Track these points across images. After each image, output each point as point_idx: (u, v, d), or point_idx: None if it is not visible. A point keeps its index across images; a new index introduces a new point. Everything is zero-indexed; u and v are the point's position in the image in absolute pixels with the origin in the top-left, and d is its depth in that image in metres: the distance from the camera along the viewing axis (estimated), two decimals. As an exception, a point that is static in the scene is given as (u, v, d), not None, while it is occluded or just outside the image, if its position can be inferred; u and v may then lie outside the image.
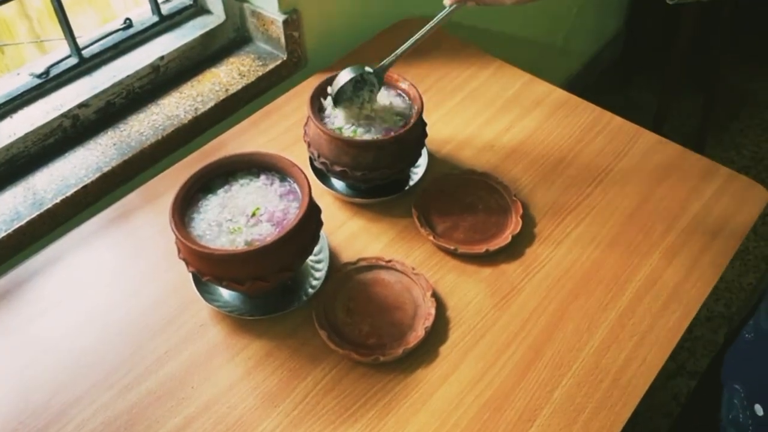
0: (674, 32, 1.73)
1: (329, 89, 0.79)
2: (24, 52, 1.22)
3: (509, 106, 0.97)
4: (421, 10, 1.15)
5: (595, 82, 2.05)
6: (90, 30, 1.00)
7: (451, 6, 0.76)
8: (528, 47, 1.64)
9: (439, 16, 0.77)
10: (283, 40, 1.00)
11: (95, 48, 0.94)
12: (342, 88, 0.78)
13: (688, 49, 1.71)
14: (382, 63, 0.80)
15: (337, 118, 0.80)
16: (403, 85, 0.82)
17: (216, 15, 1.02)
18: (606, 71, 2.09)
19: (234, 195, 0.71)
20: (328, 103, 0.80)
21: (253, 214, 0.69)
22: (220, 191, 0.71)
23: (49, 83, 0.90)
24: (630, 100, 2.00)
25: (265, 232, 0.67)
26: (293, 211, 0.69)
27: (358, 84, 0.79)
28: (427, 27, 0.77)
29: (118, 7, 1.23)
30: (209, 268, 0.66)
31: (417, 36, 0.78)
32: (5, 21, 1.14)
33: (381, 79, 0.80)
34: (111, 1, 1.23)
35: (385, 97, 0.82)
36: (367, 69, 0.79)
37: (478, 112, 0.96)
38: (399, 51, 0.79)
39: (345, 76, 0.78)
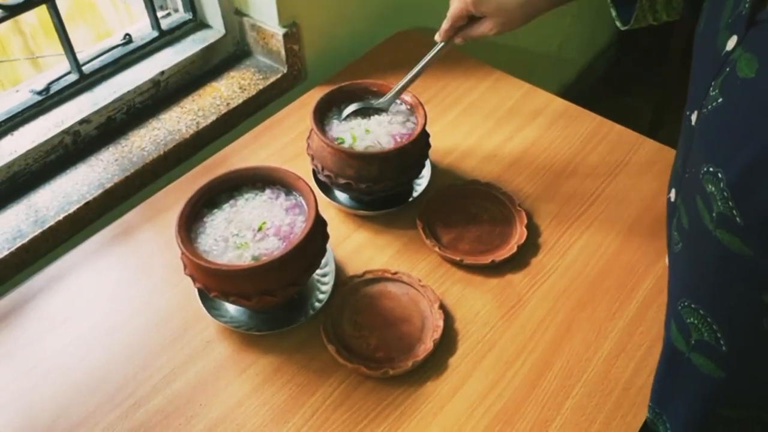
0: (666, 41, 1.74)
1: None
2: (18, 69, 1.21)
3: (510, 117, 0.97)
4: (418, 22, 1.16)
5: (590, 90, 2.06)
6: (84, 45, 1.00)
7: (441, 44, 0.78)
8: (523, 56, 1.65)
9: (430, 53, 0.79)
10: (283, 53, 1.00)
11: (95, 64, 0.93)
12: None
13: (682, 56, 1.72)
14: (384, 98, 0.82)
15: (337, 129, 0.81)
16: (406, 97, 0.82)
17: (216, 29, 1.02)
18: (600, 80, 2.11)
19: (239, 210, 0.70)
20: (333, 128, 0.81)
21: (260, 229, 0.68)
22: (226, 206, 0.71)
23: (49, 100, 0.90)
24: (625, 108, 2.01)
25: (272, 247, 0.67)
26: (299, 225, 0.69)
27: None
28: (420, 65, 0.79)
29: (113, 22, 1.24)
30: (216, 284, 0.66)
31: (412, 73, 0.80)
32: (-1, 37, 1.14)
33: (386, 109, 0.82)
34: (105, 16, 1.23)
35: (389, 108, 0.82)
36: (371, 103, 0.82)
37: (479, 123, 0.96)
38: (398, 87, 0.81)
39: (350, 109, 0.81)
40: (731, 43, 0.44)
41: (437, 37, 0.79)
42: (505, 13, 0.73)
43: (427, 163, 0.87)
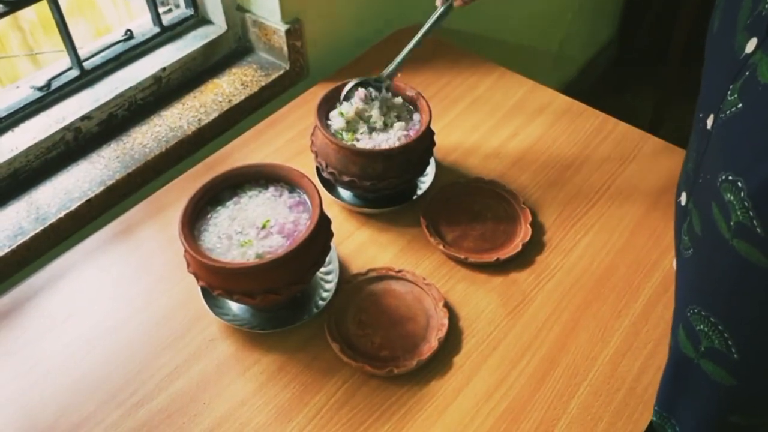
0: (668, 38, 1.74)
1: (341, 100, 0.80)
2: (16, 65, 1.20)
3: (513, 114, 0.97)
4: (420, 19, 1.15)
5: (590, 88, 2.05)
6: (83, 41, 0.99)
7: (442, 6, 0.76)
8: (524, 53, 1.65)
9: (430, 20, 0.77)
10: (285, 50, 0.99)
11: (96, 60, 0.93)
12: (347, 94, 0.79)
13: (683, 54, 1.72)
14: (385, 71, 0.80)
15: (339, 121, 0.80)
16: (411, 94, 0.82)
17: (217, 25, 1.02)
18: (601, 77, 2.10)
19: (243, 207, 0.70)
20: (334, 114, 0.80)
21: (264, 227, 0.68)
22: (229, 203, 0.70)
23: (50, 96, 0.89)
24: (625, 106, 2.01)
25: (276, 245, 0.66)
26: (304, 223, 0.68)
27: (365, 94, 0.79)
28: (420, 33, 0.78)
29: (111, 18, 1.23)
30: (220, 282, 0.65)
31: (414, 41, 0.78)
32: (-3, 33, 1.13)
33: (387, 87, 0.80)
34: (105, 12, 1.23)
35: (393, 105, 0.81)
36: (370, 79, 0.80)
37: (483, 120, 0.96)
38: (399, 58, 0.79)
39: (348, 86, 0.79)
40: (751, 45, 0.42)
41: (438, 1, 0.77)
42: None
43: (432, 160, 0.86)
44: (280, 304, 0.72)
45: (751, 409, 0.52)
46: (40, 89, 0.88)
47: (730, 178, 0.43)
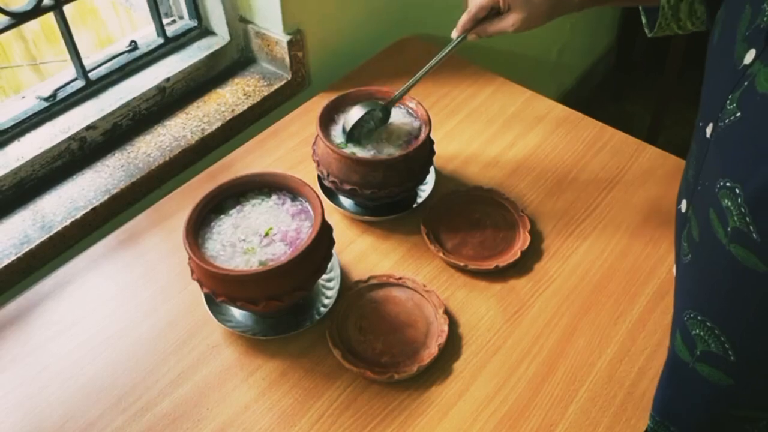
0: (666, 46, 1.76)
1: (343, 124, 0.80)
2: (19, 75, 1.22)
3: (512, 123, 0.98)
4: (421, 29, 1.17)
5: (589, 96, 2.07)
6: (85, 50, 1.01)
7: (457, 38, 0.77)
8: (522, 62, 1.66)
9: (445, 49, 0.77)
10: (287, 60, 1.01)
11: (101, 70, 0.94)
12: (355, 125, 0.79)
13: (681, 62, 1.73)
14: (392, 97, 0.81)
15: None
16: (411, 104, 0.83)
17: (220, 36, 1.03)
18: (599, 85, 2.12)
19: (246, 215, 0.71)
20: (338, 134, 0.81)
21: (266, 234, 0.69)
22: (233, 212, 0.71)
23: (56, 106, 0.90)
24: (623, 113, 2.03)
25: (278, 252, 0.68)
26: (306, 231, 0.70)
27: (367, 118, 0.80)
28: (435, 59, 0.78)
29: (113, 26, 1.24)
30: (224, 289, 0.66)
31: (425, 69, 0.78)
32: (0, 43, 1.14)
33: (389, 112, 0.81)
34: (106, 21, 1.24)
35: (393, 116, 0.83)
36: (378, 103, 0.80)
37: (482, 129, 0.97)
38: (409, 84, 0.80)
39: (356, 113, 0.79)
40: (749, 56, 0.43)
41: (454, 33, 0.77)
42: (531, 7, 0.71)
43: (432, 169, 0.87)
44: (283, 311, 0.73)
45: (750, 403, 0.53)
46: (46, 99, 0.90)
47: (728, 184, 0.44)
